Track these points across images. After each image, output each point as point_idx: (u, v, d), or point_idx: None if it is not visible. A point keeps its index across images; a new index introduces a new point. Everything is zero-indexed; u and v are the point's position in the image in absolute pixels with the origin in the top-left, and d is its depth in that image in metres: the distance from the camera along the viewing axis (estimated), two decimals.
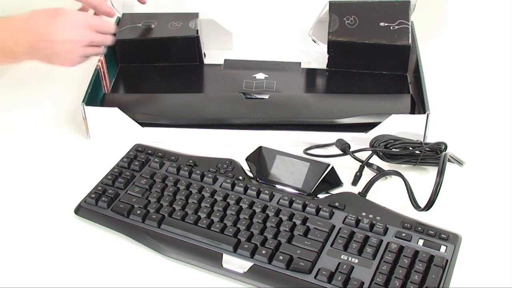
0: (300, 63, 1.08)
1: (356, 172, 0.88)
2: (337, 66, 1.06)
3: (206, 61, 1.09)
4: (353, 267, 0.73)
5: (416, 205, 0.82)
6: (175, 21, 1.07)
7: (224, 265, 0.75)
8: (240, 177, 0.85)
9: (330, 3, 1.05)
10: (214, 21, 1.11)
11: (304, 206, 0.81)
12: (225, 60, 1.09)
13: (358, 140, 0.92)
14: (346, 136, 0.92)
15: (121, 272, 0.76)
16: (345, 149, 0.90)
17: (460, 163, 0.90)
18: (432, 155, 0.88)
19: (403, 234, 0.76)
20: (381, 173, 0.87)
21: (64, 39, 0.89)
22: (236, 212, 0.80)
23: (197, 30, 1.06)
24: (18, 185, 0.89)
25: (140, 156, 0.89)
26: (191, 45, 1.06)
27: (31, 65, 0.99)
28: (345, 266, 0.73)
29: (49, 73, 1.10)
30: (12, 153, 0.95)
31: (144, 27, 1.07)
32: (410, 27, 1.01)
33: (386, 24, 1.02)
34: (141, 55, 1.07)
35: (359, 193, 0.85)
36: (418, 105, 0.96)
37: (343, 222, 0.79)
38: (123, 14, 1.09)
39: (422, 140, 0.91)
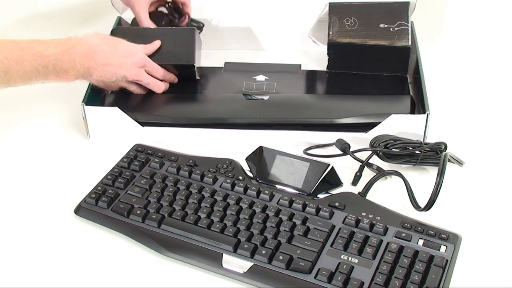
0: (300, 65, 1.08)
1: (356, 172, 0.88)
2: (337, 67, 1.06)
3: (207, 63, 1.09)
4: (353, 267, 0.73)
5: (416, 205, 0.81)
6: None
7: (224, 265, 0.75)
8: (240, 177, 0.85)
9: (330, 4, 1.05)
10: (214, 22, 1.11)
11: (304, 206, 0.81)
12: (225, 63, 1.09)
13: (358, 140, 0.92)
14: (346, 136, 0.92)
15: (121, 272, 0.76)
16: (345, 149, 0.90)
17: (460, 163, 0.90)
18: (432, 155, 0.88)
19: (403, 234, 0.76)
20: (381, 173, 0.87)
21: (117, 71, 0.94)
22: (236, 212, 0.80)
23: (196, 74, 1.04)
24: (18, 185, 0.89)
25: (140, 156, 0.90)
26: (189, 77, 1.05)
27: None
28: (345, 266, 0.73)
29: None
30: (12, 153, 0.95)
31: None
32: (410, 28, 1.02)
33: (386, 26, 1.03)
34: None
35: (359, 193, 0.85)
36: (418, 106, 0.96)
37: (343, 222, 0.79)
38: (113, 29, 1.06)
39: (422, 140, 0.91)
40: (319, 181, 0.83)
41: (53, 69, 0.90)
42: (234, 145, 0.94)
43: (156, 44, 1.00)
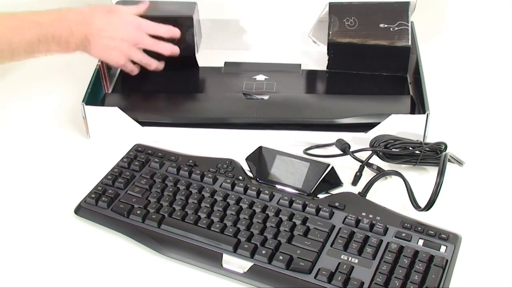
0: (300, 64, 1.08)
1: (356, 172, 0.88)
2: (337, 67, 1.06)
3: (207, 63, 1.09)
4: (353, 267, 0.73)
5: (416, 205, 0.82)
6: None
7: (224, 265, 0.75)
8: (240, 177, 0.85)
9: (330, 4, 1.05)
10: (214, 21, 1.11)
11: (304, 206, 0.81)
12: (225, 62, 1.09)
13: (358, 140, 0.92)
14: (346, 136, 0.92)
15: (121, 272, 0.76)
16: (345, 149, 0.90)
17: (460, 163, 0.90)
18: (432, 155, 0.88)
19: (403, 234, 0.76)
20: (381, 173, 0.87)
21: (114, 35, 0.94)
22: (236, 212, 0.80)
23: (196, 48, 1.04)
24: (18, 185, 0.89)
25: (140, 156, 0.89)
26: (189, 62, 1.05)
27: (32, 64, 0.99)
28: (345, 266, 0.73)
29: (50, 73, 1.11)
30: (12, 152, 0.95)
31: None
32: (410, 28, 1.02)
33: (386, 25, 1.03)
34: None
35: (359, 193, 0.85)
36: (418, 106, 0.96)
37: (343, 222, 0.79)
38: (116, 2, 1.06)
39: (422, 140, 0.91)
40: (319, 181, 0.83)
41: (52, 38, 0.90)
42: (234, 145, 0.94)
43: (146, 3, 1.00)
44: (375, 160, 0.89)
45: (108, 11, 0.96)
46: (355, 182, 0.88)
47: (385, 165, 0.89)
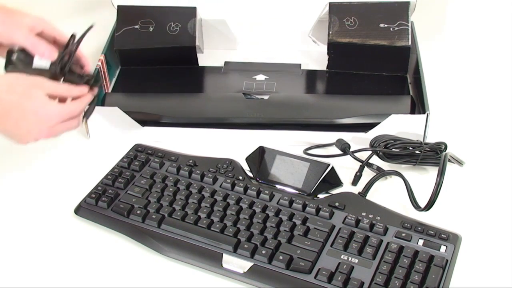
0: (300, 64, 1.08)
1: (356, 172, 0.88)
2: (337, 67, 1.06)
3: (207, 63, 1.09)
4: (353, 267, 0.73)
5: (416, 205, 0.82)
6: (173, 22, 1.06)
7: (224, 265, 0.75)
8: (240, 177, 0.85)
9: (330, 4, 1.05)
10: (214, 21, 1.11)
11: (304, 206, 0.81)
12: (225, 62, 1.09)
13: (358, 140, 0.92)
14: (346, 136, 0.92)
15: (121, 272, 0.76)
16: (345, 149, 0.90)
17: (460, 163, 0.90)
18: (432, 155, 0.88)
19: (403, 234, 0.76)
20: (381, 173, 0.87)
21: (18, 124, 0.77)
22: (236, 212, 0.80)
23: (196, 38, 1.05)
24: (18, 185, 0.89)
25: (140, 156, 0.90)
26: (190, 53, 1.06)
27: None
28: (345, 266, 0.73)
29: None
30: (12, 152, 0.95)
31: (142, 31, 1.06)
32: (410, 28, 1.02)
33: (386, 25, 1.03)
34: (141, 61, 1.07)
35: (359, 193, 0.85)
36: (418, 106, 0.96)
37: (343, 222, 0.79)
38: (118, 6, 1.06)
39: (422, 140, 0.91)
40: (319, 181, 0.83)
41: None
42: (234, 145, 0.94)
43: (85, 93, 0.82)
44: (375, 160, 0.89)
45: (23, 94, 0.75)
46: (355, 182, 0.88)
47: (385, 165, 0.89)
